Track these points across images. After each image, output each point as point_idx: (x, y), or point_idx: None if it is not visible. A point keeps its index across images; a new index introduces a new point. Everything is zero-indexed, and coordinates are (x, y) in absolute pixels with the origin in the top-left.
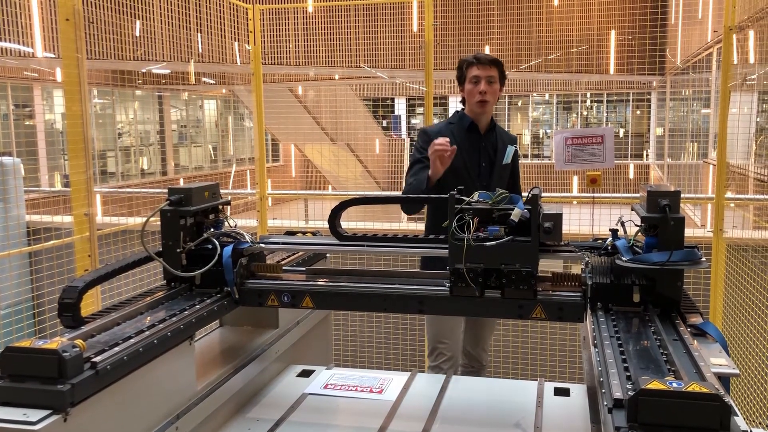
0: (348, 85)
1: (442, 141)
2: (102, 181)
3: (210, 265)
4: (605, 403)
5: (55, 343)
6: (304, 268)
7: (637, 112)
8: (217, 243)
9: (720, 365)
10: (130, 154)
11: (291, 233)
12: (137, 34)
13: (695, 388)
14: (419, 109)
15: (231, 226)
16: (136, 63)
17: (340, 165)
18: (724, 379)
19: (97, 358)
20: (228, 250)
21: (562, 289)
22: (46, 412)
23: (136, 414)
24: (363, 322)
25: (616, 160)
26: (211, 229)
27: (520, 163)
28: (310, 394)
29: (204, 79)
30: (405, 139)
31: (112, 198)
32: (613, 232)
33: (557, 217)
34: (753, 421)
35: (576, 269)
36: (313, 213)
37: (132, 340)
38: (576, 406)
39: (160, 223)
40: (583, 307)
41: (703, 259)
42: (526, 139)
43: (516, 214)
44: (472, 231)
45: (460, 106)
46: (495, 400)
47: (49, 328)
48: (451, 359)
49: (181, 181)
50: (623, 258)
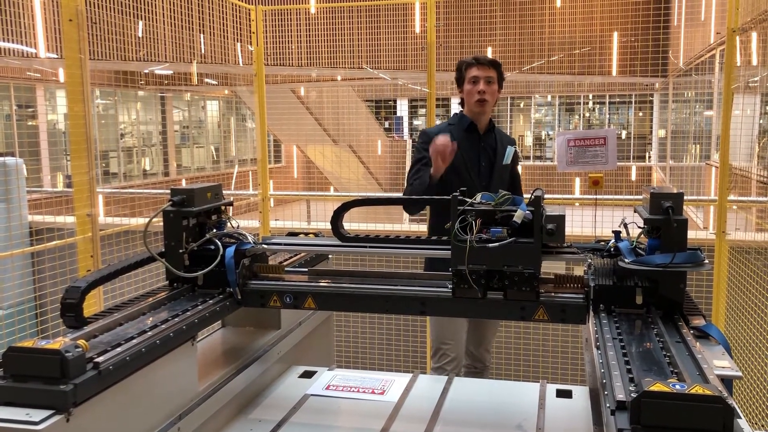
0: (350, 87)
1: (442, 139)
2: (104, 181)
3: (212, 265)
4: (608, 404)
5: (58, 343)
6: (307, 269)
7: (640, 114)
8: (219, 244)
9: (723, 367)
10: (133, 155)
11: (293, 234)
12: (140, 35)
13: (698, 390)
14: (421, 111)
15: (233, 227)
16: (138, 64)
17: (342, 166)
18: (726, 381)
19: (100, 359)
20: (230, 250)
21: (565, 291)
22: (49, 412)
23: (139, 414)
24: (365, 323)
25: (619, 161)
26: (214, 230)
27: (520, 165)
28: (312, 395)
29: (206, 80)
30: (407, 141)
31: (114, 198)
32: (616, 233)
33: (560, 219)
34: (756, 424)
35: (579, 271)
36: (315, 214)
37: (134, 341)
38: (578, 408)
39: (162, 223)
40: (585, 308)
41: (706, 261)
42: (528, 140)
43: (519, 216)
44: (475, 232)
45: (461, 108)
46: (497, 402)
47: (52, 329)
48: (455, 360)
49: (183, 181)
50: (626, 260)
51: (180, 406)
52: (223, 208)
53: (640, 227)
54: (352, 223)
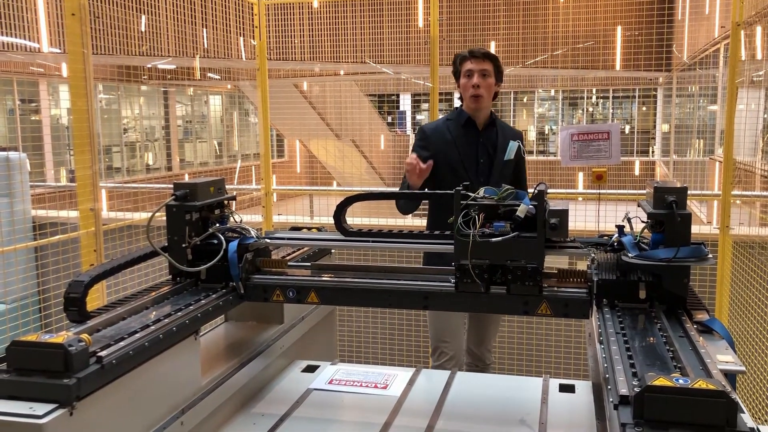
0: (353, 81)
1: (410, 159)
2: (107, 176)
3: (215, 260)
4: (611, 399)
5: (61, 337)
6: (309, 264)
7: (643, 109)
8: (222, 238)
9: (726, 362)
10: (136, 150)
11: (296, 229)
12: (143, 30)
13: (702, 384)
14: (424, 105)
15: (236, 222)
16: (141, 58)
17: (345, 161)
18: (730, 376)
19: (103, 353)
20: (233, 245)
21: (568, 286)
22: (52, 406)
23: (142, 408)
24: (368, 317)
25: (622, 156)
26: (217, 225)
27: (525, 159)
28: (315, 389)
29: (209, 74)
30: (410, 135)
31: (117, 193)
32: (620, 228)
33: (563, 213)
34: (759, 418)
35: (582, 265)
36: (318, 209)
37: (137, 335)
38: (581, 403)
39: (165, 218)
40: (588, 303)
41: (710, 255)
42: (532, 135)
43: (522, 210)
44: (478, 227)
45: (461, 102)
46: (500, 397)
47: (55, 323)
48: (454, 359)
49: (186, 176)
50: (629, 254)
51: (183, 400)
52: (226, 202)
53: (643, 222)
54: (355, 218)
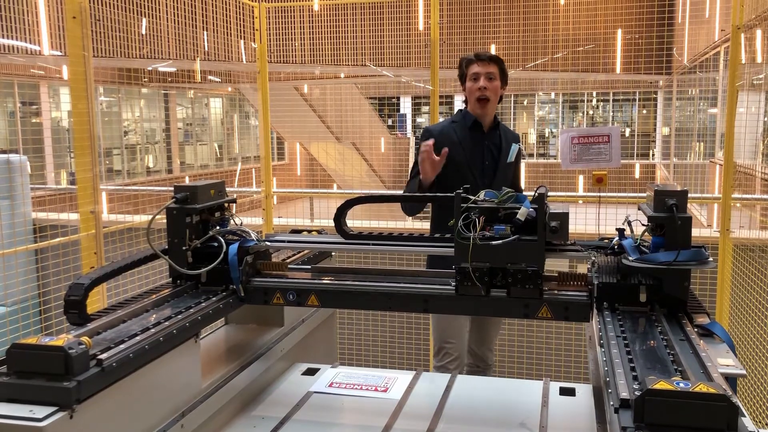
0: (353, 84)
1: (426, 144)
2: (108, 178)
3: (216, 262)
4: (611, 403)
5: (62, 340)
6: (310, 267)
7: (644, 112)
8: (222, 241)
9: (727, 365)
10: (136, 152)
11: (296, 231)
12: (143, 32)
13: (702, 388)
14: (425, 108)
15: (236, 224)
16: (142, 61)
17: (345, 163)
18: (731, 379)
19: (103, 356)
20: (234, 248)
21: (569, 289)
22: (52, 409)
23: (142, 411)
24: (368, 320)
25: (622, 159)
26: (217, 227)
27: (524, 162)
28: (315, 392)
29: (210, 77)
30: (410, 138)
31: (118, 196)
32: (620, 231)
33: (564, 216)
34: (760, 422)
35: (582, 269)
36: (318, 211)
37: (138, 338)
38: (581, 406)
39: (165, 220)
40: (589, 306)
41: (710, 259)
42: (532, 137)
43: (522, 213)
44: (478, 230)
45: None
46: (500, 400)
47: (55, 325)
48: (458, 359)
49: (186, 179)
50: (630, 257)
51: (183, 403)
52: (226, 205)
53: (644, 225)
54: (355, 221)
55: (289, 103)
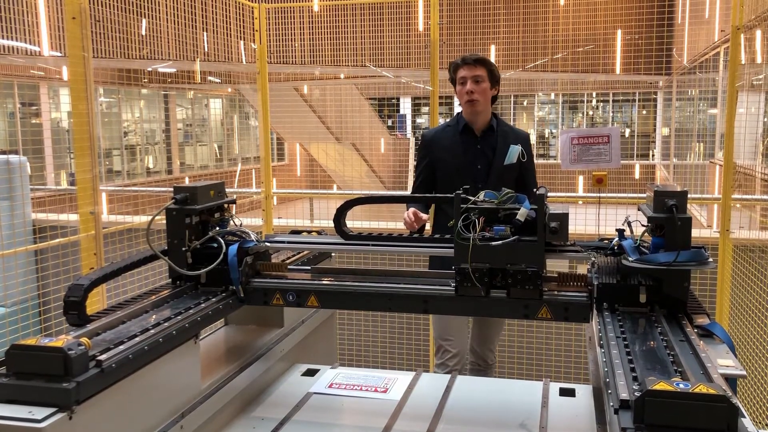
0: (353, 85)
1: (407, 216)
2: (108, 179)
3: (215, 263)
4: (611, 403)
5: (61, 341)
6: (309, 267)
7: (643, 112)
8: (222, 242)
9: (727, 366)
10: (136, 153)
11: (296, 232)
12: (143, 33)
13: (702, 389)
14: (424, 109)
15: (236, 225)
16: (142, 62)
17: (345, 164)
18: (731, 380)
19: (103, 357)
20: (233, 248)
21: (568, 289)
22: (52, 410)
23: (141, 412)
24: (368, 321)
25: (622, 160)
26: (217, 228)
27: (533, 162)
28: (315, 393)
29: (210, 78)
30: (410, 139)
31: (117, 196)
32: (620, 232)
33: (563, 217)
34: (760, 423)
35: (582, 269)
36: (318, 212)
37: (137, 339)
38: (581, 407)
39: (165, 221)
40: (589, 307)
41: (710, 259)
42: (532, 138)
43: (522, 214)
44: (478, 230)
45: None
46: (500, 400)
47: (55, 326)
48: (457, 356)
49: (186, 179)
50: (630, 258)
51: (183, 403)
52: (225, 206)
53: (643, 225)
54: (355, 221)
55: (288, 104)
